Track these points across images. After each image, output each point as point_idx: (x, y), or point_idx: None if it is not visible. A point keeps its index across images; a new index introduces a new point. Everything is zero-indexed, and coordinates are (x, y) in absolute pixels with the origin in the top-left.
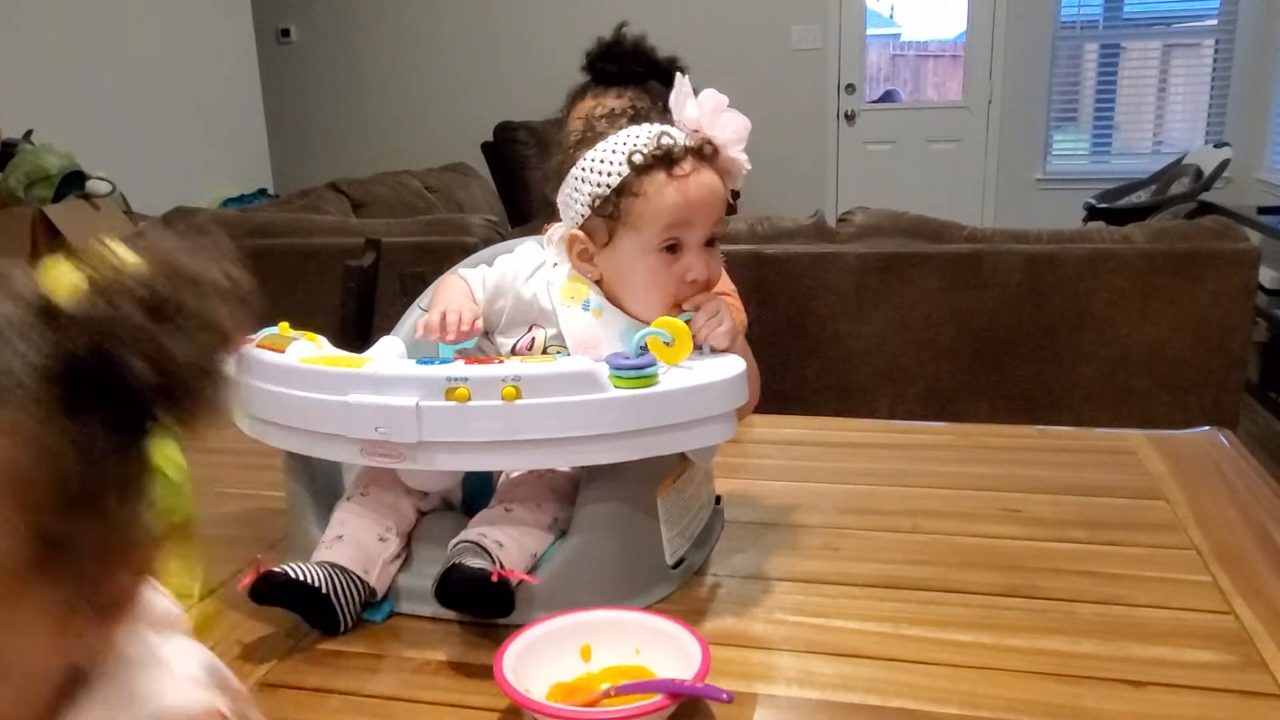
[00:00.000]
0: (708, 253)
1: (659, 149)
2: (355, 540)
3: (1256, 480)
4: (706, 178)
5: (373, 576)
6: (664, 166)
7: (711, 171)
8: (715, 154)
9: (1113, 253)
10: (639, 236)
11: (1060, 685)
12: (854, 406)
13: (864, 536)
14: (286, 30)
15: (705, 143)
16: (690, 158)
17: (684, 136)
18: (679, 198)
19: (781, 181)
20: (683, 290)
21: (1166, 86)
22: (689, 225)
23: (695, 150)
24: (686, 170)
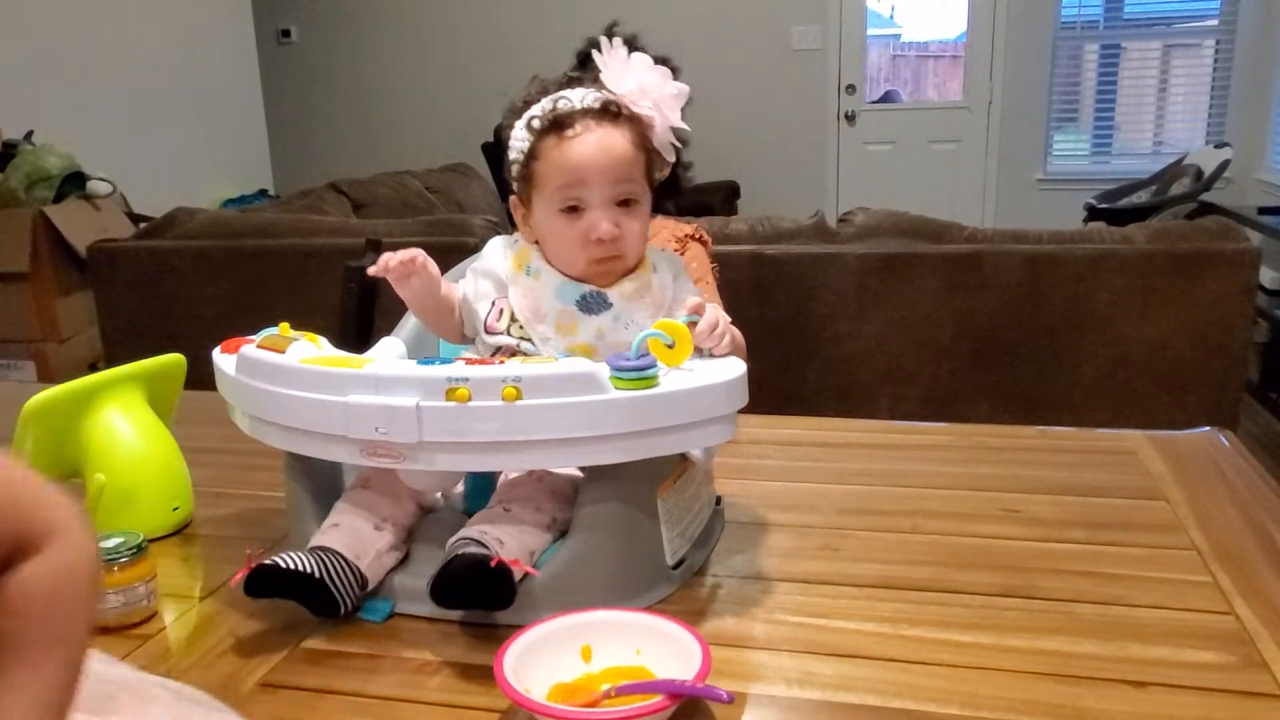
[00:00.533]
0: (618, 211)
1: (551, 113)
2: (350, 527)
3: (1257, 480)
4: (601, 136)
5: (364, 563)
6: (556, 129)
7: (613, 131)
8: (620, 113)
9: (1113, 253)
10: (544, 199)
11: (1060, 686)
12: (854, 407)
13: (864, 537)
14: (287, 31)
15: (609, 103)
16: (588, 119)
17: (590, 99)
18: (566, 159)
19: (782, 182)
20: (593, 249)
21: (1167, 87)
22: (582, 184)
23: (596, 111)
24: (577, 131)
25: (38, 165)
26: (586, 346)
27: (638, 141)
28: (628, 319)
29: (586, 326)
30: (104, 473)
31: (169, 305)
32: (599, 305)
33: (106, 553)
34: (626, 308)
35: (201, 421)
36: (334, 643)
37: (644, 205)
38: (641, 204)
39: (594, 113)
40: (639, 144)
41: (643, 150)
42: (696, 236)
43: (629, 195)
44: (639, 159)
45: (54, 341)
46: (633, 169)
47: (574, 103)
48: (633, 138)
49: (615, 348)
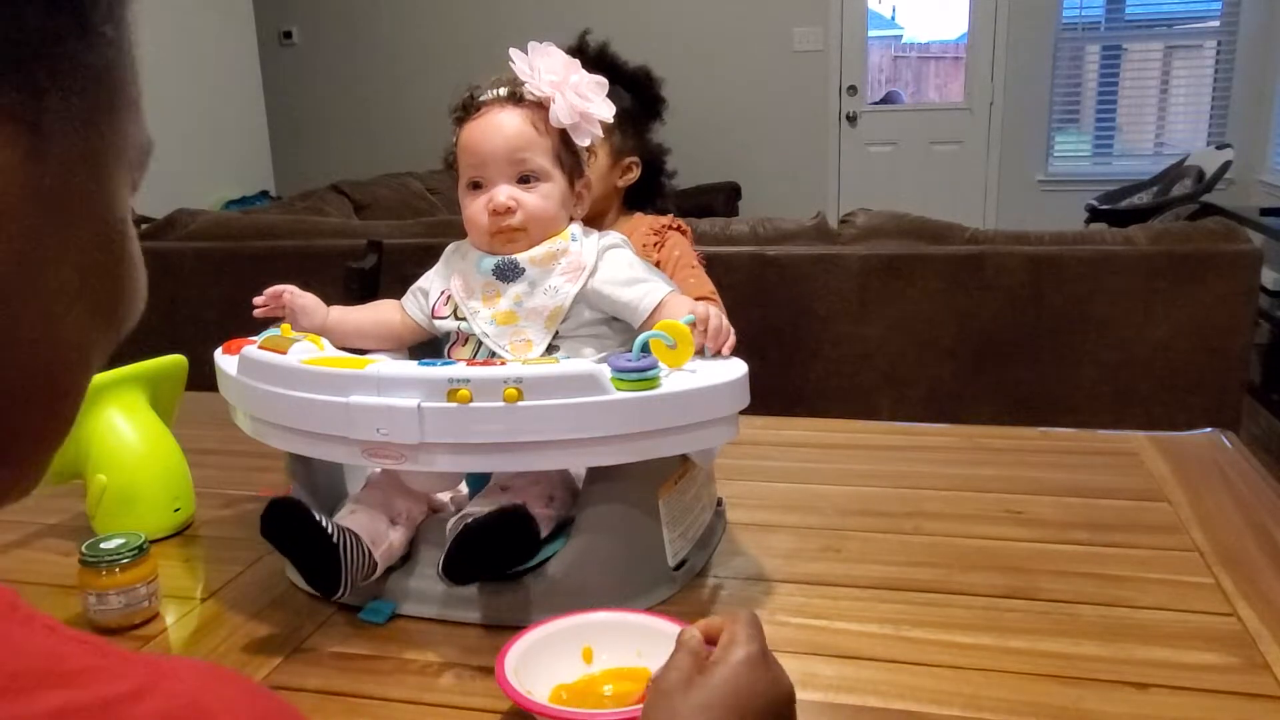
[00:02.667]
0: (518, 187)
1: (464, 101)
2: (368, 515)
3: (1259, 482)
4: (498, 117)
5: (378, 551)
6: (465, 115)
7: (515, 113)
8: (523, 98)
9: (1115, 254)
10: (460, 181)
11: (1063, 687)
12: (856, 408)
13: (866, 538)
14: (289, 32)
15: (513, 89)
16: (493, 105)
17: (500, 89)
18: (470, 138)
19: (783, 183)
20: (495, 220)
21: (1168, 88)
22: (481, 163)
23: (502, 97)
24: (481, 114)
25: None
26: (510, 314)
27: (540, 123)
28: (544, 285)
29: (507, 295)
30: (105, 474)
31: (170, 306)
32: (513, 273)
33: (107, 553)
34: (540, 274)
35: (203, 422)
36: (336, 644)
37: (549, 183)
38: (545, 182)
39: (499, 99)
40: (542, 126)
41: (547, 133)
42: (674, 226)
43: (528, 172)
44: (539, 139)
45: None
46: (530, 148)
47: (483, 90)
48: (534, 119)
49: (534, 313)
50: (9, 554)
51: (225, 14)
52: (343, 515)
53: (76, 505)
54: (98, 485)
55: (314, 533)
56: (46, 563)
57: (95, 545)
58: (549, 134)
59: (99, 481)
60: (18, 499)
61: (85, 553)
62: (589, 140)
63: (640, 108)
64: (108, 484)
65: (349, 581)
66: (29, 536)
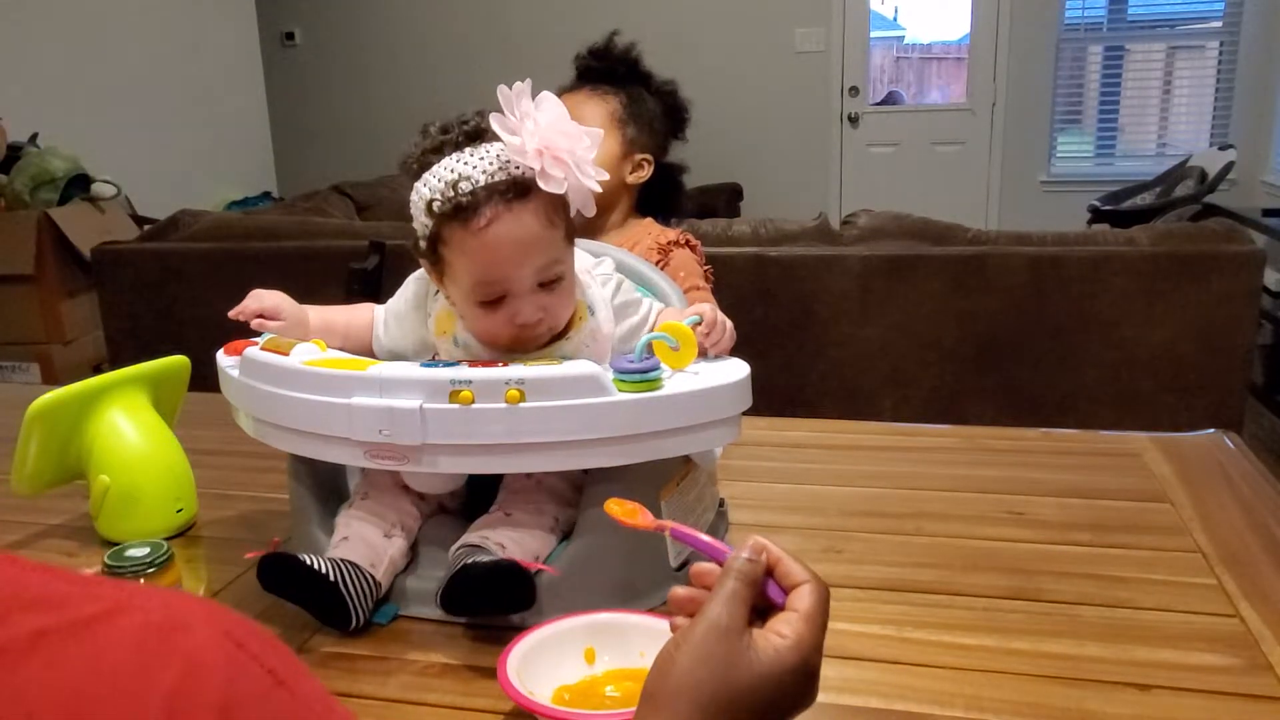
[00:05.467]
0: (542, 294)
1: (453, 198)
2: (360, 538)
3: (1261, 483)
4: (510, 225)
5: (380, 571)
6: (461, 218)
7: (524, 213)
8: (528, 191)
9: (1117, 255)
10: (459, 288)
11: (1065, 688)
12: (858, 409)
13: (868, 539)
14: (291, 34)
15: (515, 181)
16: (495, 203)
17: (495, 174)
18: (479, 255)
19: (785, 184)
20: (519, 332)
21: (1171, 88)
22: (501, 280)
23: (502, 191)
24: (485, 220)
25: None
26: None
27: (553, 216)
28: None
29: None
30: (108, 474)
31: (173, 307)
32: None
33: (133, 562)
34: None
35: (205, 423)
36: (339, 645)
37: (569, 275)
38: (566, 276)
39: (499, 193)
40: (555, 219)
41: (560, 223)
42: (681, 242)
43: (553, 275)
44: (556, 234)
45: (58, 343)
46: (552, 249)
47: (475, 180)
48: (548, 214)
49: None
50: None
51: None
52: (335, 544)
53: (79, 506)
54: (100, 486)
55: (310, 577)
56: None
57: (120, 554)
58: (560, 224)
59: (101, 482)
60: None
61: (110, 563)
62: (594, 211)
63: (662, 114)
64: (110, 484)
65: (358, 612)
66: (32, 537)
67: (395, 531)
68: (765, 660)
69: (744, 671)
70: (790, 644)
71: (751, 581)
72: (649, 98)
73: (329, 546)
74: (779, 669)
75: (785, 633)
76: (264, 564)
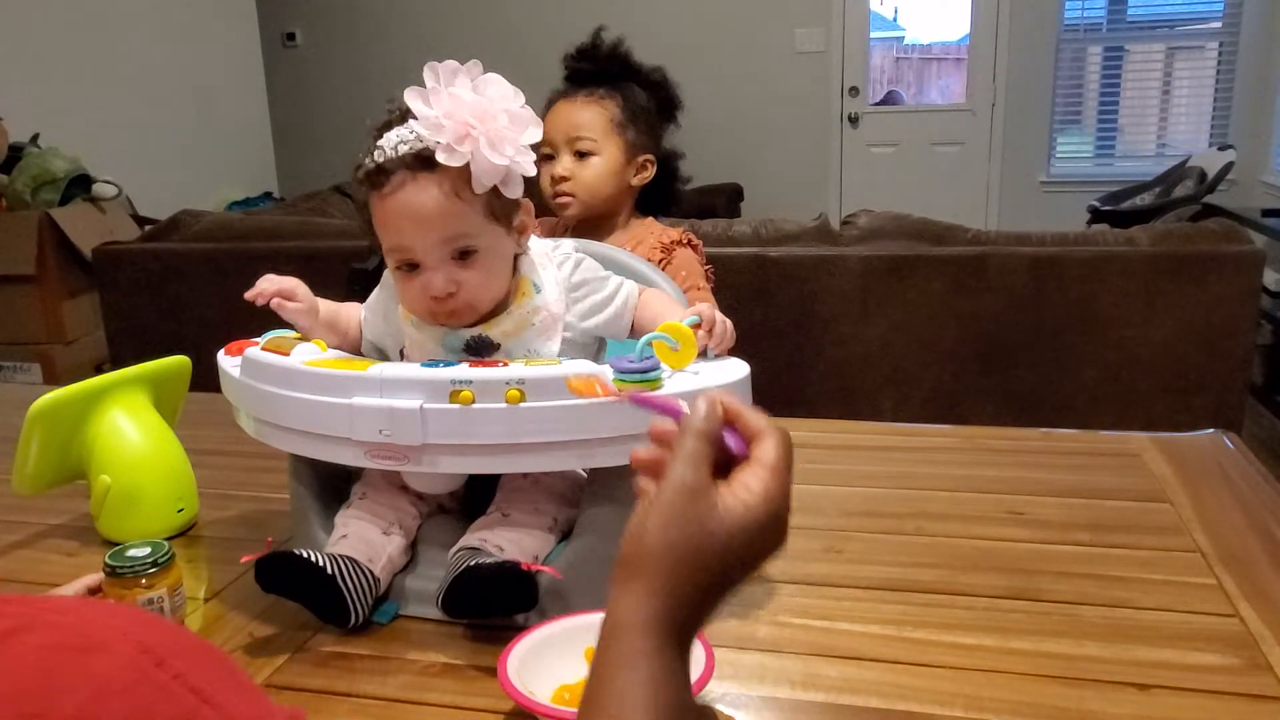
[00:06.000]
0: (454, 266)
1: (369, 165)
2: (359, 535)
3: (1261, 483)
4: (413, 193)
5: (378, 567)
6: (373, 185)
7: (429, 184)
8: (434, 162)
9: (1117, 255)
10: (386, 255)
11: (1065, 688)
12: (858, 409)
13: (868, 539)
14: (292, 34)
15: (421, 152)
16: (403, 171)
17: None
18: (386, 221)
19: (785, 184)
20: (432, 304)
21: (1170, 89)
22: (404, 246)
23: (410, 161)
24: (391, 188)
25: (44, 168)
26: None
27: (462, 189)
28: (521, 353)
29: None
30: (109, 474)
31: (174, 307)
32: (487, 349)
33: (135, 562)
34: (516, 343)
35: (206, 423)
36: (339, 644)
37: (489, 251)
38: (484, 251)
39: (408, 163)
40: (464, 192)
41: (472, 198)
42: (683, 241)
43: (464, 248)
44: (466, 208)
45: (60, 344)
46: (459, 220)
47: (386, 151)
48: (454, 186)
49: None
50: (13, 554)
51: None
52: (334, 542)
53: (80, 506)
54: (101, 485)
55: (309, 571)
56: (50, 563)
57: (120, 554)
58: (471, 198)
59: (103, 482)
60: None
61: (111, 563)
62: (520, 190)
63: (655, 107)
64: (111, 484)
65: (357, 607)
66: (33, 537)
67: (394, 530)
68: (735, 515)
69: (715, 529)
70: (759, 498)
71: (710, 439)
72: (641, 92)
73: (328, 545)
74: (749, 522)
75: (753, 487)
76: (261, 564)
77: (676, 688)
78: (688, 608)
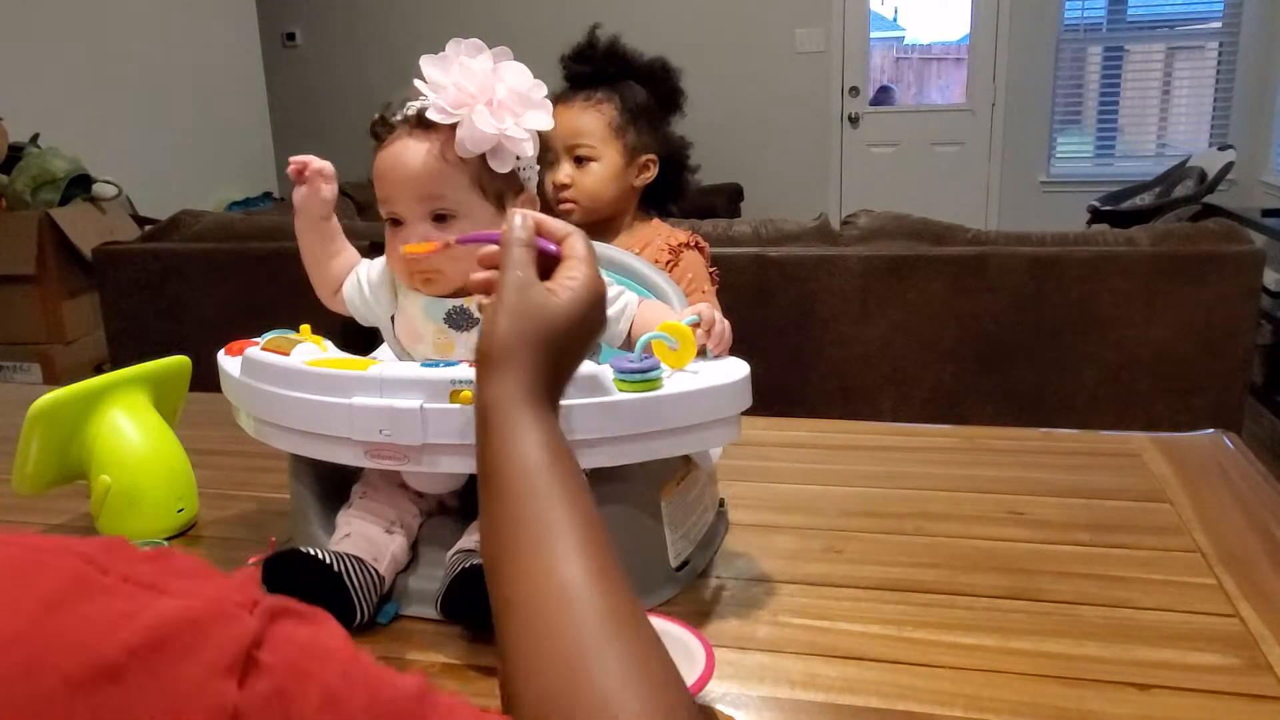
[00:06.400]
0: (431, 227)
1: (377, 122)
2: (362, 534)
3: (1261, 483)
4: (405, 146)
5: (382, 565)
6: (377, 140)
7: (422, 143)
8: (432, 124)
9: (1117, 255)
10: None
11: (1065, 688)
12: (858, 409)
13: (868, 539)
14: (292, 34)
15: (421, 111)
16: (403, 128)
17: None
18: (378, 171)
19: (785, 184)
20: (408, 264)
21: (1170, 89)
22: (389, 198)
23: (412, 120)
24: (389, 141)
25: (44, 168)
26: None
27: (449, 152)
28: None
29: (462, 344)
30: (109, 474)
31: (174, 308)
32: (467, 321)
33: None
34: None
35: (206, 423)
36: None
37: (468, 222)
38: (461, 218)
39: (409, 121)
40: (450, 154)
41: (460, 164)
42: (691, 244)
43: (441, 210)
44: (452, 173)
45: (60, 344)
46: (440, 182)
47: (395, 113)
48: (444, 149)
49: None
50: None
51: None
52: (337, 541)
53: (80, 506)
54: (101, 486)
55: (315, 568)
56: None
57: None
58: (465, 162)
59: (103, 482)
60: None
61: None
62: (510, 166)
63: (656, 102)
64: (111, 484)
65: (362, 604)
66: None
67: (396, 529)
68: (565, 299)
69: (553, 312)
70: (579, 283)
71: (528, 242)
72: (640, 90)
73: (330, 544)
74: (578, 303)
75: (574, 274)
76: (270, 563)
77: (556, 432)
78: (544, 378)
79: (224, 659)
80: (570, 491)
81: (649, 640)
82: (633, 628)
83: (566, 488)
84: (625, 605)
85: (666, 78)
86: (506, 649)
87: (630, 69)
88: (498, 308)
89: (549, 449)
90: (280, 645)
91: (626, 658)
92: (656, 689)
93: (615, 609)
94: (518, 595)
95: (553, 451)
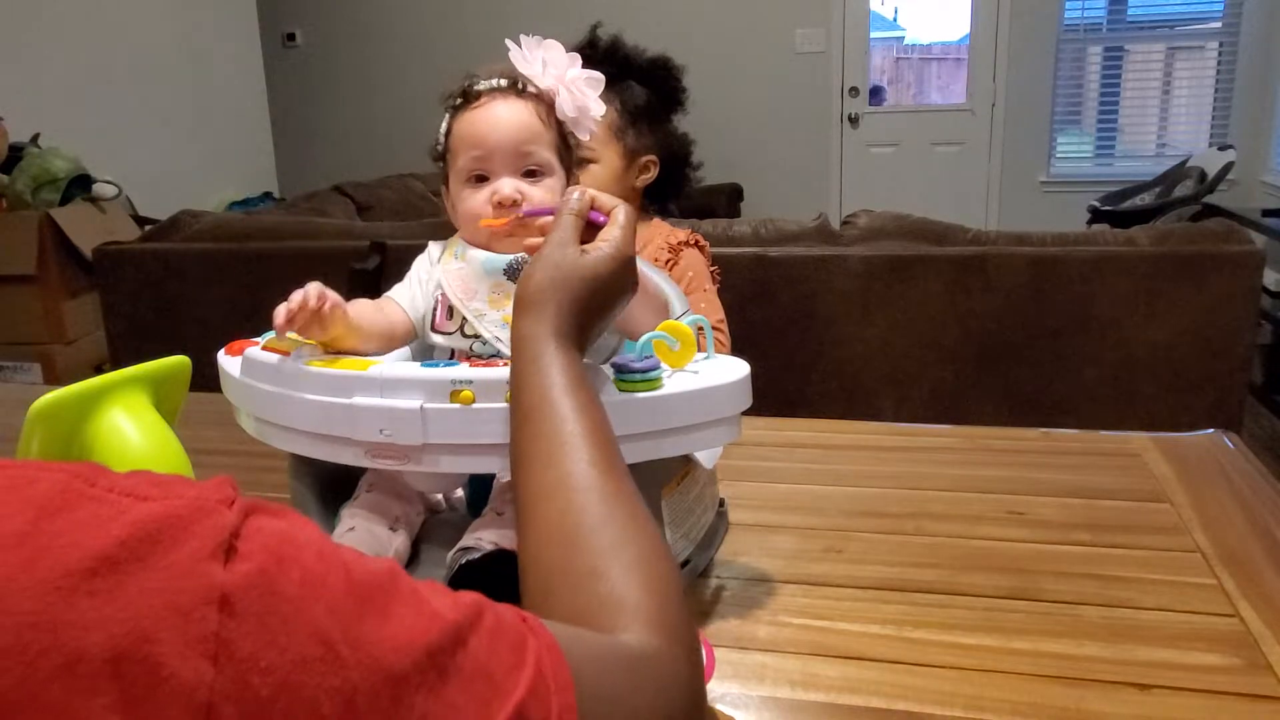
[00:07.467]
0: (523, 181)
1: (462, 90)
2: (366, 529)
3: (1261, 483)
4: (501, 104)
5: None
6: (464, 105)
7: (517, 103)
8: (525, 89)
9: (1117, 255)
10: (456, 173)
11: (1065, 688)
12: (858, 409)
13: (868, 539)
14: (292, 34)
15: (514, 79)
16: (494, 94)
17: (499, 79)
18: (472, 129)
19: (785, 184)
20: (495, 212)
21: (1170, 89)
22: (485, 154)
23: (504, 88)
24: (482, 102)
25: (44, 168)
26: None
27: (544, 116)
28: None
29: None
30: None
31: (174, 307)
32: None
33: None
34: None
35: (206, 423)
36: None
37: (553, 179)
38: (549, 176)
39: (500, 89)
40: (545, 118)
41: (550, 126)
42: (690, 243)
43: (534, 165)
44: (544, 133)
45: (60, 343)
46: (536, 141)
47: (481, 82)
48: (537, 111)
49: None
50: None
51: (229, 16)
52: (340, 535)
53: None
54: None
55: None
56: None
57: None
58: (551, 127)
59: None
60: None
61: None
62: (588, 135)
63: (657, 101)
64: None
65: None
66: None
67: (399, 526)
68: (595, 257)
69: (582, 267)
70: (612, 245)
71: (580, 212)
72: (640, 90)
73: (333, 537)
74: (606, 260)
75: (608, 238)
76: None
77: (577, 366)
78: (571, 323)
79: (208, 547)
80: (583, 410)
81: (643, 519)
82: (628, 510)
83: (581, 407)
84: (624, 491)
85: (668, 76)
86: (522, 533)
87: (632, 68)
88: (537, 260)
89: (568, 376)
90: (256, 534)
91: (620, 531)
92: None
93: (616, 492)
94: (530, 489)
95: (571, 378)
